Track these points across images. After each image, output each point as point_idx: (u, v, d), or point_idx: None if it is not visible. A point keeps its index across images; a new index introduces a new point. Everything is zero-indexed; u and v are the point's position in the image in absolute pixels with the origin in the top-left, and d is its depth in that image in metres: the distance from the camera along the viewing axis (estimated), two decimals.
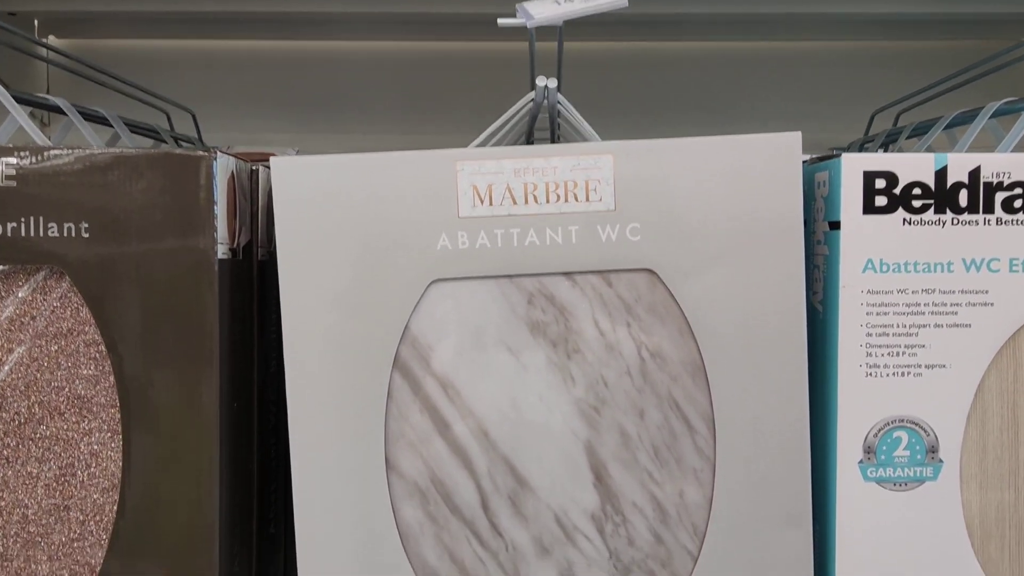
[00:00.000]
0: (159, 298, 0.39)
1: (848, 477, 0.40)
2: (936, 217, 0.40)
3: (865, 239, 0.40)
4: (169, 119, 0.85)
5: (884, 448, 0.40)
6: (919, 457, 0.40)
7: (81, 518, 0.40)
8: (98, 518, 0.40)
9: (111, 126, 0.69)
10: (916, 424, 0.40)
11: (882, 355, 0.40)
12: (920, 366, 0.40)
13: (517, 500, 0.40)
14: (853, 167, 0.40)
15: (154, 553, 0.39)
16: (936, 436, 0.40)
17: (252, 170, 0.44)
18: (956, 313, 0.40)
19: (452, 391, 0.40)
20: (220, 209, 0.39)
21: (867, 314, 0.40)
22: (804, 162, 0.41)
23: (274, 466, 0.48)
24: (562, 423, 0.40)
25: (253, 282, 0.44)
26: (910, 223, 0.40)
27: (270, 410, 0.47)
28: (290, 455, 0.40)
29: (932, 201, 0.40)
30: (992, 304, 0.40)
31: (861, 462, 0.41)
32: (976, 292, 0.40)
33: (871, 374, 0.40)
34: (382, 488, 0.40)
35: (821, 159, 0.43)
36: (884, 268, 0.40)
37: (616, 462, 0.40)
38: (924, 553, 0.41)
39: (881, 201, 0.40)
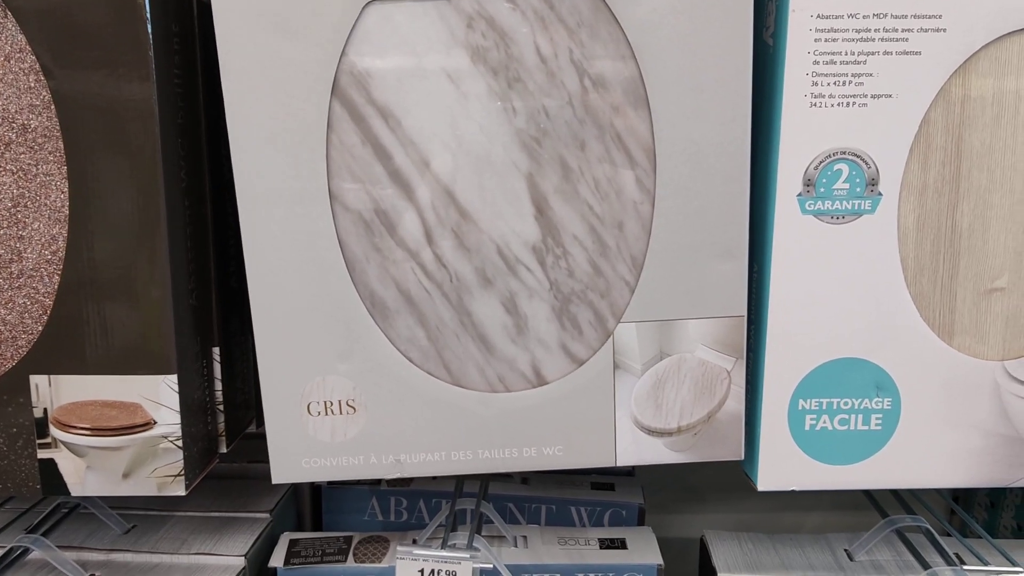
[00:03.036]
0: (94, 17, 0.38)
1: (786, 210, 0.41)
2: None
3: None
4: None
5: (824, 181, 0.41)
6: (858, 190, 0.41)
7: (37, 248, 0.41)
8: (53, 248, 0.41)
9: None
10: (858, 156, 0.40)
11: (828, 84, 0.39)
12: (866, 96, 0.40)
13: (460, 232, 0.41)
14: None
15: (107, 284, 0.41)
16: (877, 169, 0.41)
17: None
18: (907, 40, 0.39)
19: (393, 120, 0.40)
20: None
21: (815, 40, 0.39)
22: None
23: (233, 222, 0.49)
24: (504, 154, 0.40)
25: (194, 18, 0.43)
26: None
27: (225, 162, 0.48)
28: (236, 189, 0.40)
29: None
30: (944, 30, 0.39)
31: (800, 195, 0.41)
32: (929, 17, 0.39)
33: (816, 104, 0.40)
34: (327, 220, 0.41)
35: None
36: None
37: (557, 195, 0.41)
38: (858, 286, 0.42)
39: None
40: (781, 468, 0.43)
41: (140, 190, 0.40)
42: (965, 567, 0.45)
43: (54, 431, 0.41)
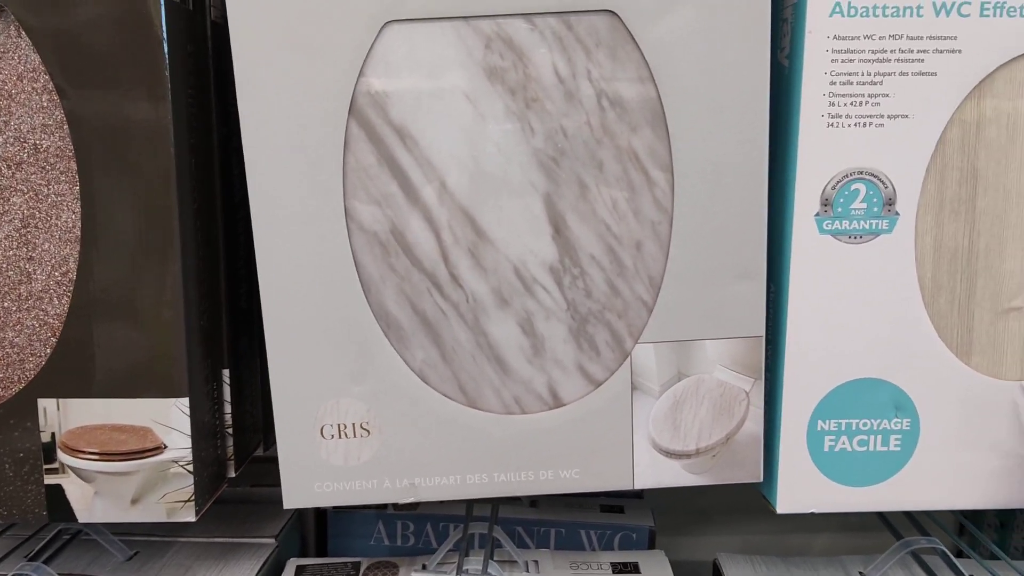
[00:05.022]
0: (109, 37, 0.38)
1: (804, 229, 0.41)
2: None
3: None
4: None
5: (841, 200, 0.41)
6: (876, 210, 0.41)
7: (47, 269, 0.41)
8: (63, 269, 0.41)
9: None
10: (875, 176, 0.40)
11: (845, 104, 0.39)
12: (883, 116, 0.40)
13: (477, 252, 0.41)
14: None
15: (117, 306, 0.41)
16: (894, 188, 0.41)
17: None
18: (923, 61, 0.39)
19: (410, 141, 0.40)
20: None
21: (832, 61, 0.39)
22: None
23: (244, 242, 0.48)
24: (521, 174, 0.40)
25: (207, 38, 0.43)
26: None
27: (236, 183, 0.47)
28: (250, 208, 0.40)
29: None
30: (960, 51, 0.39)
31: (817, 215, 0.41)
32: (944, 38, 0.39)
33: (833, 124, 0.40)
34: (343, 240, 0.40)
35: None
36: (852, 12, 0.39)
37: (574, 214, 0.41)
38: (875, 306, 0.42)
39: None
40: (800, 490, 0.43)
41: (153, 211, 0.39)
42: None
43: (62, 456, 0.40)
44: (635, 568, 0.52)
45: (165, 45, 0.38)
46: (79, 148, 0.39)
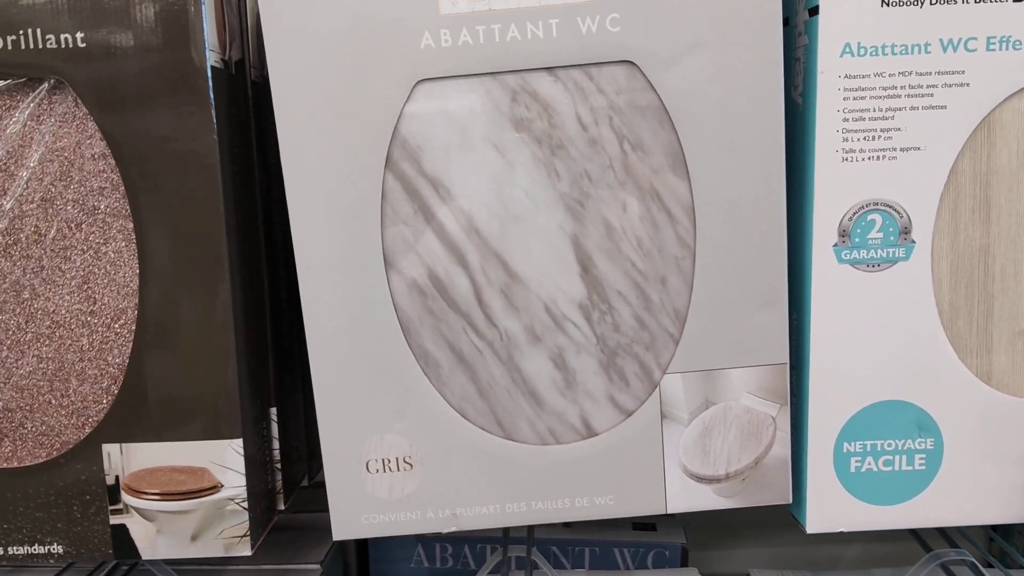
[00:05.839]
0: (158, 105, 0.40)
1: (823, 260, 0.42)
2: None
3: (843, 22, 0.40)
4: None
5: (858, 231, 0.42)
6: (892, 239, 0.42)
7: (107, 321, 0.43)
8: (122, 321, 0.43)
9: None
10: (890, 206, 0.42)
11: (858, 139, 0.41)
12: (895, 149, 0.41)
13: (509, 292, 0.43)
14: None
15: (174, 354, 0.43)
16: (909, 217, 0.42)
17: None
18: (932, 95, 0.41)
19: (443, 190, 0.42)
20: (208, 18, 0.40)
21: (844, 99, 0.41)
22: None
23: (284, 285, 0.51)
24: (548, 218, 0.42)
25: (249, 99, 0.45)
26: (888, 4, 0.40)
27: (276, 230, 0.50)
28: (295, 258, 0.42)
29: None
30: (968, 85, 0.41)
31: (836, 245, 0.42)
32: (952, 73, 0.41)
33: (847, 159, 0.41)
34: (383, 287, 0.42)
35: None
36: (862, 51, 0.40)
37: (601, 253, 0.43)
38: (896, 331, 0.43)
39: None
40: (829, 510, 0.44)
41: (205, 266, 0.41)
42: None
43: (125, 497, 0.43)
44: None
45: (213, 111, 0.40)
46: (135, 209, 0.41)
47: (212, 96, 0.40)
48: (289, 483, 0.50)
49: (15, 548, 0.43)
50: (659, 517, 0.64)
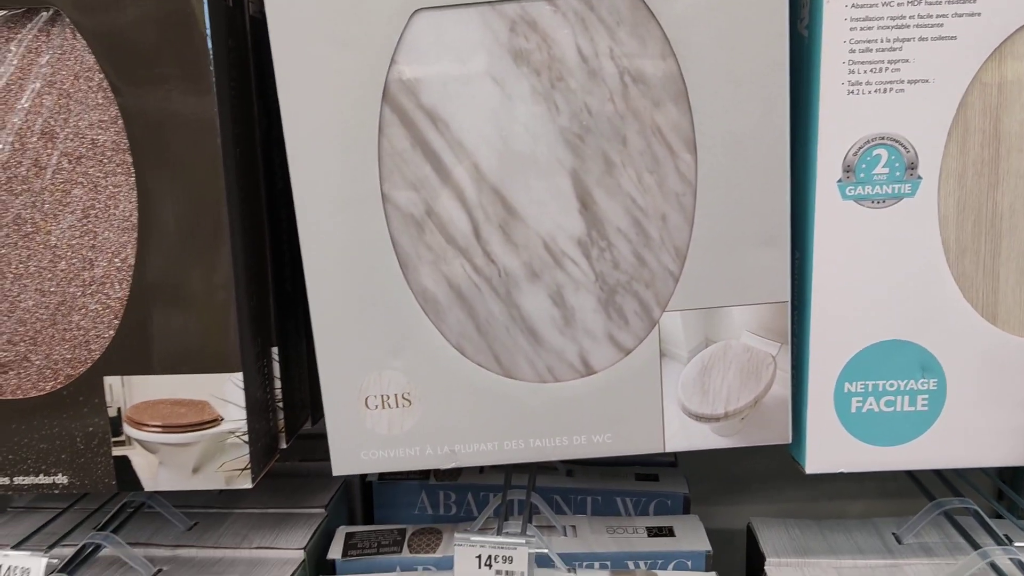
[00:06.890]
0: (156, 37, 0.40)
1: (827, 196, 0.42)
2: None
3: None
4: None
5: (863, 166, 0.41)
6: (898, 174, 0.41)
7: (108, 256, 0.43)
8: (123, 255, 0.43)
9: None
10: (896, 141, 0.41)
11: (865, 71, 0.40)
12: (903, 82, 0.40)
13: (507, 228, 0.43)
14: None
15: (174, 288, 0.43)
16: (916, 153, 0.41)
17: None
18: (942, 25, 0.40)
19: (441, 124, 0.42)
20: None
21: (851, 29, 0.40)
22: None
23: (285, 228, 0.51)
24: (548, 152, 0.42)
25: (247, 34, 0.45)
26: None
27: (277, 171, 0.50)
28: (293, 196, 0.42)
29: None
30: (979, 14, 0.39)
31: (840, 181, 0.42)
32: (963, 2, 0.39)
33: (853, 91, 0.40)
34: (380, 221, 0.42)
35: None
36: None
37: (601, 189, 0.42)
38: (900, 269, 0.42)
39: None
40: (829, 451, 0.44)
41: (203, 200, 0.42)
42: (1017, 545, 0.45)
43: (128, 429, 0.43)
44: (670, 531, 0.54)
45: (209, 41, 0.40)
46: (133, 142, 0.41)
47: (209, 28, 0.40)
48: (291, 425, 0.50)
49: (20, 478, 0.44)
50: (662, 468, 0.64)
